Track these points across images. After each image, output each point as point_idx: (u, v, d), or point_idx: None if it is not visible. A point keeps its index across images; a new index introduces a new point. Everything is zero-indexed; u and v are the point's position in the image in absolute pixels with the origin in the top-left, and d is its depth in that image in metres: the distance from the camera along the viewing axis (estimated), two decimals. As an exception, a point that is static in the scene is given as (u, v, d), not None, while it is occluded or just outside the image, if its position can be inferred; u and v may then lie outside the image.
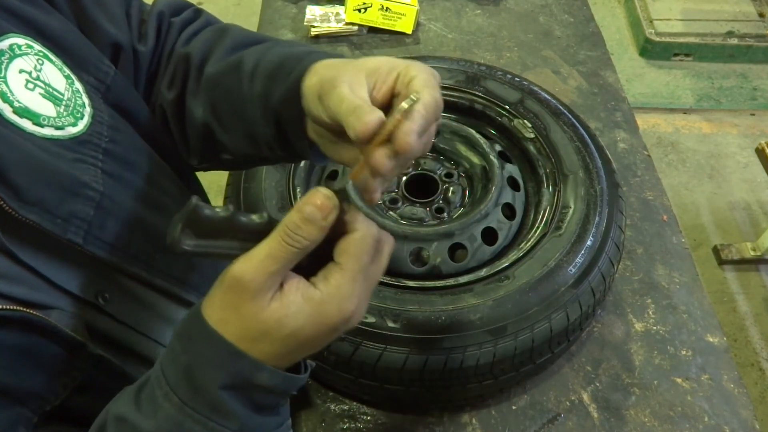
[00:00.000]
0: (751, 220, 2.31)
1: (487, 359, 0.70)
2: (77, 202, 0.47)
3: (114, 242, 0.49)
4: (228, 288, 0.39)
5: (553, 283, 0.73)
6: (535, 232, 0.81)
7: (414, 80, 0.43)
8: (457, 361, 0.69)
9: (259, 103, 0.54)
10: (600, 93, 1.25)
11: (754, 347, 1.96)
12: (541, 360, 0.76)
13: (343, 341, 0.70)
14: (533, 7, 1.44)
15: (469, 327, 0.69)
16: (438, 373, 0.70)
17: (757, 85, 2.78)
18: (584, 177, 0.84)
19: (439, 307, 0.70)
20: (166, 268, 0.56)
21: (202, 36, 0.63)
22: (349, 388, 0.79)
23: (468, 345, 0.69)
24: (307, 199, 0.39)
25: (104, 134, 0.51)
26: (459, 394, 0.76)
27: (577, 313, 0.74)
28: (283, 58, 0.53)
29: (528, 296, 0.72)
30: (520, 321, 0.70)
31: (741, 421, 0.81)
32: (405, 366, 0.69)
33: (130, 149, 0.55)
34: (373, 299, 0.70)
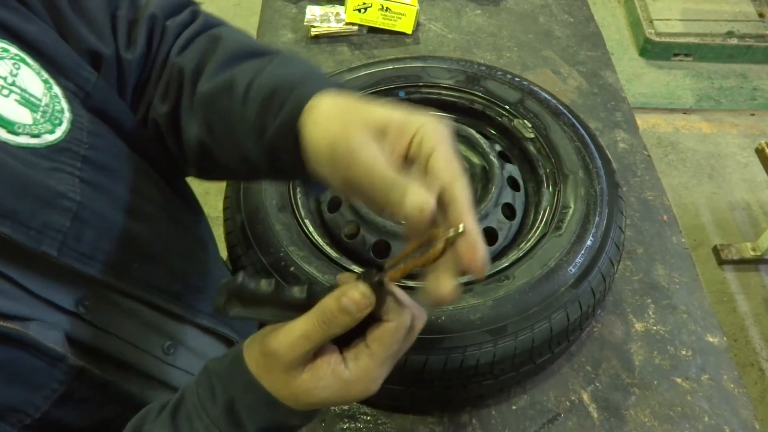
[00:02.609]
0: (750, 220, 2.31)
1: (487, 359, 0.70)
2: (52, 212, 0.45)
3: (90, 253, 0.48)
4: (265, 354, 0.43)
5: (553, 283, 0.73)
6: (535, 232, 0.81)
7: (435, 159, 0.42)
8: (456, 361, 0.69)
9: (252, 131, 0.51)
10: (600, 93, 1.25)
11: (754, 347, 1.97)
12: (541, 360, 0.76)
13: None
14: (533, 7, 1.44)
15: (469, 327, 0.69)
16: (438, 373, 0.70)
17: (757, 85, 2.78)
18: (584, 177, 0.84)
19: (439, 307, 0.71)
20: (145, 277, 0.54)
21: (195, 46, 0.59)
22: None
23: (468, 345, 0.69)
24: (347, 292, 0.41)
25: (84, 141, 0.49)
26: (459, 394, 0.76)
27: (577, 313, 0.74)
28: (275, 84, 0.50)
29: (528, 296, 0.72)
30: (520, 321, 0.71)
31: (741, 421, 0.81)
32: (405, 366, 0.69)
33: (111, 156, 0.53)
34: None
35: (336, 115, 0.44)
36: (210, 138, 0.56)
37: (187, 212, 0.68)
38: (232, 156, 0.55)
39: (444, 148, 0.43)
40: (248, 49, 0.57)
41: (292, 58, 0.55)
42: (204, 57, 0.57)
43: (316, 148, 0.44)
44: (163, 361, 0.57)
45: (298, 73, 0.51)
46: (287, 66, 0.53)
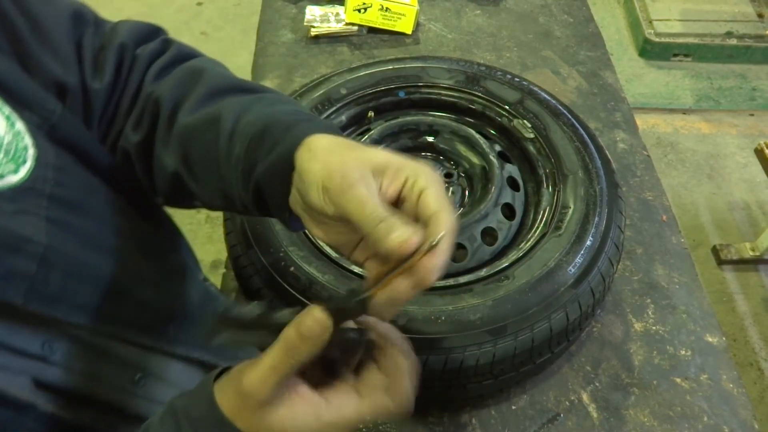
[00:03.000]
0: (750, 220, 2.31)
1: (487, 359, 0.70)
2: (17, 258, 0.43)
3: (58, 296, 0.46)
4: (238, 394, 0.41)
5: (553, 283, 0.73)
6: (535, 232, 0.81)
7: (425, 195, 0.43)
8: (456, 361, 0.69)
9: (238, 168, 0.50)
10: (599, 93, 1.25)
11: (753, 347, 1.97)
12: (541, 360, 0.76)
13: None
14: (533, 7, 1.44)
15: (468, 327, 0.70)
16: (438, 373, 0.70)
17: (756, 86, 2.78)
18: (584, 177, 0.84)
19: (439, 307, 0.71)
20: (114, 313, 0.52)
21: (174, 77, 0.57)
22: None
23: (468, 345, 0.69)
24: (303, 319, 0.40)
25: (49, 178, 0.46)
26: (459, 394, 0.76)
27: (576, 313, 0.74)
28: (266, 121, 0.49)
29: (528, 296, 0.72)
30: (519, 321, 0.71)
31: (740, 420, 0.81)
32: None
33: (79, 191, 0.51)
34: None
35: (335, 149, 0.45)
36: (186, 170, 0.55)
37: (162, 239, 0.66)
38: (208, 188, 0.54)
39: (435, 188, 0.44)
40: (232, 84, 0.56)
41: (281, 97, 0.54)
42: (185, 88, 0.56)
43: (313, 177, 0.44)
44: (135, 394, 0.55)
45: (290, 112, 0.51)
46: (277, 104, 0.52)
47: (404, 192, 0.44)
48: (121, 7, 2.98)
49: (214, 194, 0.55)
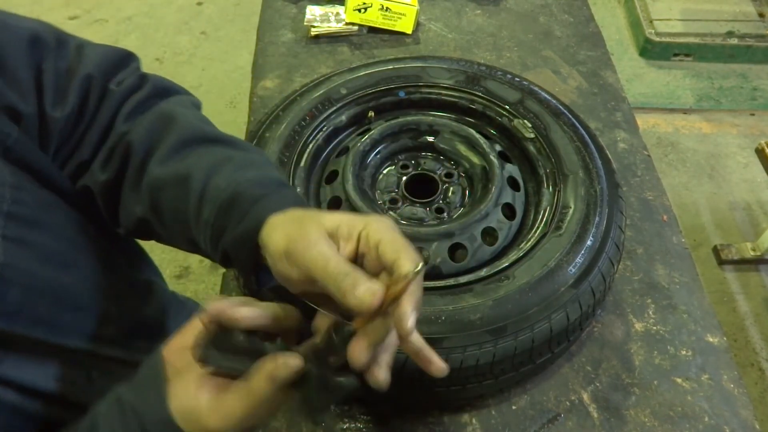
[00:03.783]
0: (751, 220, 2.31)
1: (487, 359, 0.70)
2: None
3: (16, 310, 0.46)
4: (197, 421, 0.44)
5: (553, 283, 0.73)
6: (535, 232, 0.81)
7: (383, 245, 0.45)
8: (456, 361, 0.69)
9: (207, 232, 0.52)
10: (600, 93, 1.25)
11: (754, 347, 1.96)
12: (541, 360, 0.76)
13: None
14: (533, 7, 1.44)
15: (468, 327, 0.69)
16: None
17: (757, 85, 2.78)
18: (584, 177, 0.84)
19: (439, 307, 0.70)
20: (76, 326, 0.53)
21: (146, 121, 0.57)
22: None
23: (468, 345, 0.69)
24: (276, 369, 0.43)
25: (6, 197, 0.47)
26: (459, 394, 0.76)
27: (577, 313, 0.74)
28: (235, 190, 0.51)
29: (528, 296, 0.72)
30: (520, 321, 0.71)
31: (741, 421, 0.81)
32: (405, 366, 0.69)
33: (37, 208, 0.51)
34: None
35: (293, 220, 0.48)
36: (155, 218, 0.55)
37: (122, 254, 0.66)
38: (177, 238, 0.56)
39: (389, 235, 0.46)
40: (202, 135, 0.56)
41: (250, 155, 0.55)
42: (156, 136, 0.56)
43: (275, 248, 0.47)
44: (91, 392, 0.55)
45: (258, 181, 0.53)
46: (247, 168, 0.54)
47: (361, 248, 0.47)
48: (121, 6, 2.98)
49: (182, 243, 0.56)
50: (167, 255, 2.04)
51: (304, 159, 0.88)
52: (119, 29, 2.90)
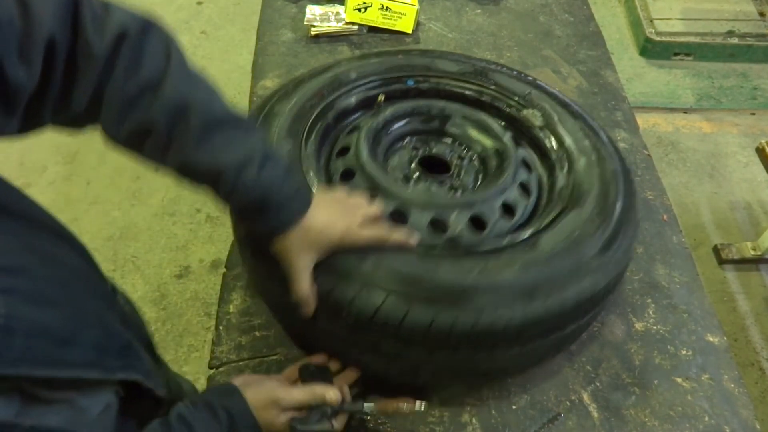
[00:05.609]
0: (751, 219, 2.31)
1: (518, 322, 0.68)
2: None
3: (20, 356, 0.48)
4: (268, 396, 0.68)
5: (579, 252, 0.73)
6: (553, 209, 0.81)
7: None
8: (486, 321, 0.67)
9: (232, 216, 0.72)
10: (600, 92, 1.25)
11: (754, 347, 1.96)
12: (570, 328, 0.75)
13: (370, 296, 0.68)
14: (533, 6, 1.44)
15: (499, 289, 0.68)
16: (465, 335, 0.67)
17: (758, 85, 2.78)
18: (597, 159, 0.86)
19: (469, 268, 0.69)
20: (71, 359, 0.54)
21: (163, 106, 0.59)
22: (368, 356, 0.76)
23: (498, 305, 0.67)
24: (329, 392, 0.71)
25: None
26: (483, 363, 0.74)
27: (603, 281, 0.74)
28: (263, 193, 0.64)
29: (556, 262, 0.71)
30: (549, 285, 0.70)
31: (741, 420, 0.81)
32: (431, 326, 0.67)
33: (22, 254, 0.52)
34: (399, 264, 0.69)
35: (303, 247, 0.67)
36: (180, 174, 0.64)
37: (91, 270, 0.68)
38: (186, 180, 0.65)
39: (363, 239, 0.70)
40: (219, 117, 0.62)
41: (273, 154, 0.65)
42: (177, 120, 0.59)
43: (279, 250, 0.68)
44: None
45: (281, 187, 0.64)
46: (274, 168, 0.63)
47: None
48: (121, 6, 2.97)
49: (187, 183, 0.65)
50: (167, 255, 2.04)
51: (314, 135, 0.87)
52: (119, 29, 2.90)
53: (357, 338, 0.72)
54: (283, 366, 0.83)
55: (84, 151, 2.38)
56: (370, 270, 0.68)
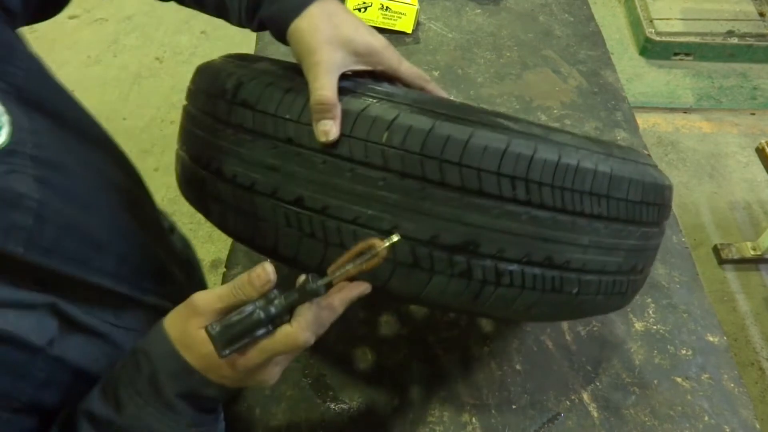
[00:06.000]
0: (751, 219, 2.31)
1: (600, 173, 0.55)
2: (16, 213, 0.46)
3: (52, 248, 0.49)
4: (185, 306, 0.50)
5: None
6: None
7: (401, 72, 0.61)
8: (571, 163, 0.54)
9: (243, 3, 0.60)
10: (600, 92, 1.25)
11: (754, 347, 1.96)
12: (639, 233, 0.62)
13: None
14: (533, 6, 1.44)
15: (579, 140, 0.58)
16: (551, 168, 0.53)
17: (758, 85, 2.78)
18: None
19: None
20: (101, 265, 0.56)
21: None
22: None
23: (578, 147, 0.56)
24: (255, 269, 0.48)
25: (28, 141, 0.49)
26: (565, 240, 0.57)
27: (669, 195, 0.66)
28: None
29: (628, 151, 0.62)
30: (624, 153, 0.61)
31: (741, 420, 0.81)
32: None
33: (57, 152, 0.53)
34: None
35: (320, 29, 0.55)
36: None
37: (135, 192, 0.69)
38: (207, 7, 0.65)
39: (404, 70, 0.61)
40: None
41: None
42: None
43: (296, 41, 0.56)
44: (116, 325, 0.59)
45: None
46: None
47: (378, 72, 0.59)
48: (121, 5, 2.98)
49: (209, 7, 0.67)
50: (167, 254, 2.05)
51: None
52: (119, 28, 2.90)
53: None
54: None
55: (84, 151, 2.38)
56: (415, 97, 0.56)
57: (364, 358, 0.84)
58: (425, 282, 0.54)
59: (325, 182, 0.53)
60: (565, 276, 0.57)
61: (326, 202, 0.53)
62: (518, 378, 0.83)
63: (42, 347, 0.49)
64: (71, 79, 2.68)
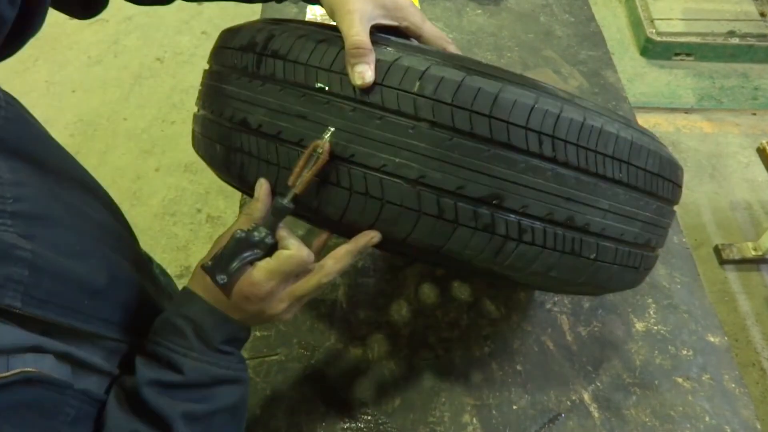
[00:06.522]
0: (752, 219, 2.31)
1: (622, 139, 0.57)
2: (11, 265, 0.45)
3: (49, 298, 0.49)
4: (209, 251, 0.57)
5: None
6: None
7: (424, 33, 0.63)
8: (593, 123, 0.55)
9: None
10: (601, 93, 1.25)
11: (755, 347, 1.96)
12: (655, 206, 0.63)
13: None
14: (534, 6, 1.44)
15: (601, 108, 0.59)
16: (575, 131, 0.54)
17: (759, 85, 2.78)
18: None
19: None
20: (95, 312, 0.55)
21: None
22: None
23: (600, 113, 0.57)
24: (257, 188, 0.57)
25: (7, 196, 0.48)
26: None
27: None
28: None
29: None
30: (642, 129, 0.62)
31: (742, 420, 0.81)
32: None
33: (41, 201, 0.52)
34: None
35: None
36: None
37: (124, 232, 0.68)
38: None
39: (426, 28, 0.63)
40: None
41: None
42: None
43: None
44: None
45: None
46: None
47: (402, 28, 0.62)
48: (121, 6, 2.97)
49: None
50: (168, 255, 2.04)
51: None
52: (120, 29, 2.90)
53: None
54: (284, 366, 0.83)
55: (84, 152, 2.38)
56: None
57: (365, 358, 0.84)
58: (448, 234, 0.54)
59: (354, 129, 0.53)
60: (584, 239, 0.57)
61: (354, 150, 0.53)
62: (519, 378, 0.83)
63: (70, 383, 0.49)
64: (72, 80, 2.69)
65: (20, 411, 0.44)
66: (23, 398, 0.44)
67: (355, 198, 0.54)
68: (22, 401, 0.44)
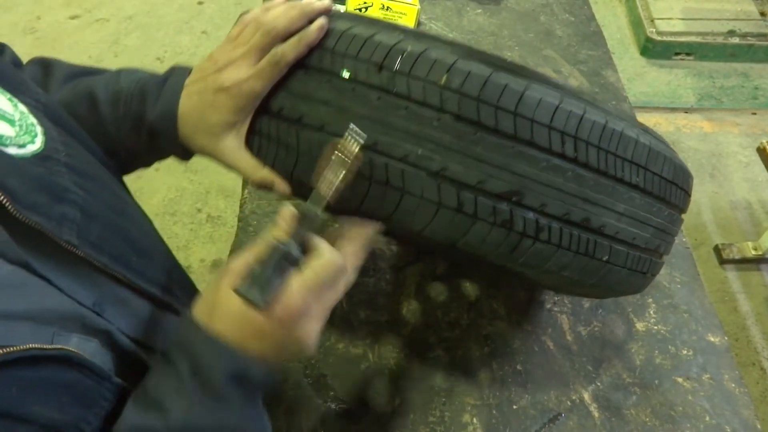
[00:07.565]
0: (752, 219, 2.31)
1: (641, 144, 0.57)
2: (65, 205, 0.47)
3: (100, 244, 0.49)
4: (220, 274, 0.49)
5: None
6: None
7: None
8: (614, 126, 0.55)
9: (127, 122, 0.61)
10: (601, 92, 1.25)
11: (755, 347, 1.96)
12: (665, 214, 0.64)
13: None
14: (534, 6, 1.44)
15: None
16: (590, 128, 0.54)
17: (759, 85, 2.78)
18: None
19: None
20: (143, 270, 0.55)
21: (27, 71, 0.64)
22: None
23: (621, 117, 0.57)
24: (280, 212, 0.51)
25: (60, 149, 0.50)
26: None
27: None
28: (141, 84, 0.61)
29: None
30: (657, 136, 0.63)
31: (742, 420, 0.81)
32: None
33: (85, 162, 0.54)
34: None
35: (195, 109, 0.59)
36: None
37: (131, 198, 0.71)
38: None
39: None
40: (82, 69, 0.66)
41: (132, 69, 0.65)
42: (41, 78, 0.64)
43: (185, 115, 0.59)
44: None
45: (151, 75, 0.63)
46: (136, 72, 0.64)
47: None
48: (122, 6, 2.98)
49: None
50: (168, 254, 2.05)
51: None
52: (120, 29, 2.90)
53: None
54: (284, 366, 0.83)
55: (85, 151, 2.38)
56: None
57: (365, 358, 0.84)
58: (466, 228, 0.54)
59: (378, 119, 0.53)
60: (599, 241, 0.58)
61: (377, 139, 0.53)
62: (519, 378, 0.83)
63: (108, 374, 0.47)
64: (72, 79, 2.69)
65: (56, 391, 0.43)
66: (60, 378, 0.43)
67: (375, 188, 0.53)
68: (58, 381, 0.43)
